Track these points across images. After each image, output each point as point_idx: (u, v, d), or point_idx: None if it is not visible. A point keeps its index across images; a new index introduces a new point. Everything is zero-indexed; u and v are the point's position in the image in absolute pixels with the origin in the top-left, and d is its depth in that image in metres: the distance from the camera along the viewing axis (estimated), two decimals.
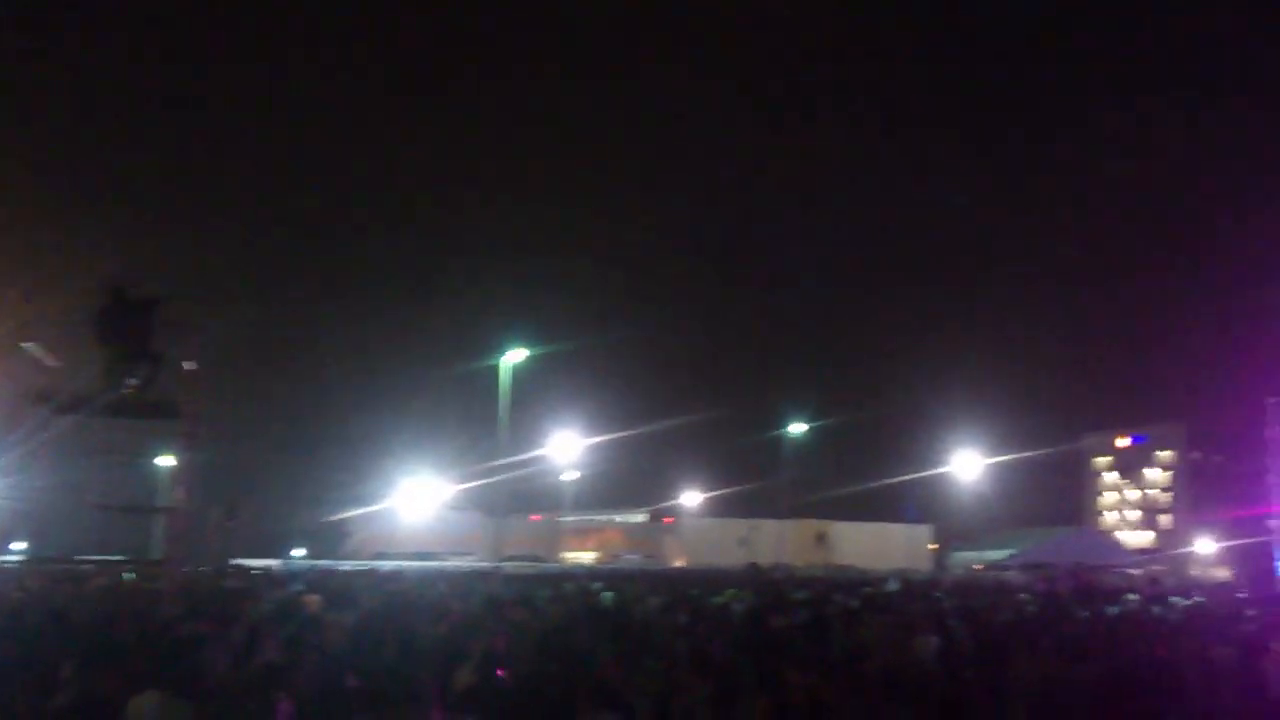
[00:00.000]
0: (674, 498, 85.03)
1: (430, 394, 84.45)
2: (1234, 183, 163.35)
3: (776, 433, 65.69)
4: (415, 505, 69.08)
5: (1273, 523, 47.91)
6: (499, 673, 9.66)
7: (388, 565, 39.78)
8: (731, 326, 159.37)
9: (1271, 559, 46.45)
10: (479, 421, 51.65)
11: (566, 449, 67.56)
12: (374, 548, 65.00)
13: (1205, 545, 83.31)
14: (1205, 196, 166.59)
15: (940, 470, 66.26)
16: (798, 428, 64.82)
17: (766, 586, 27.42)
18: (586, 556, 77.68)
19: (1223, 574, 70.60)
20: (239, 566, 35.15)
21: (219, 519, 38.97)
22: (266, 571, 33.54)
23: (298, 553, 62.31)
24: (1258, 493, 52.75)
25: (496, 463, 44.86)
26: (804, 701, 9.71)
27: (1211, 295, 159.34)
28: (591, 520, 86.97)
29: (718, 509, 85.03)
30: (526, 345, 43.25)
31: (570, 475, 75.51)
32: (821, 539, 77.88)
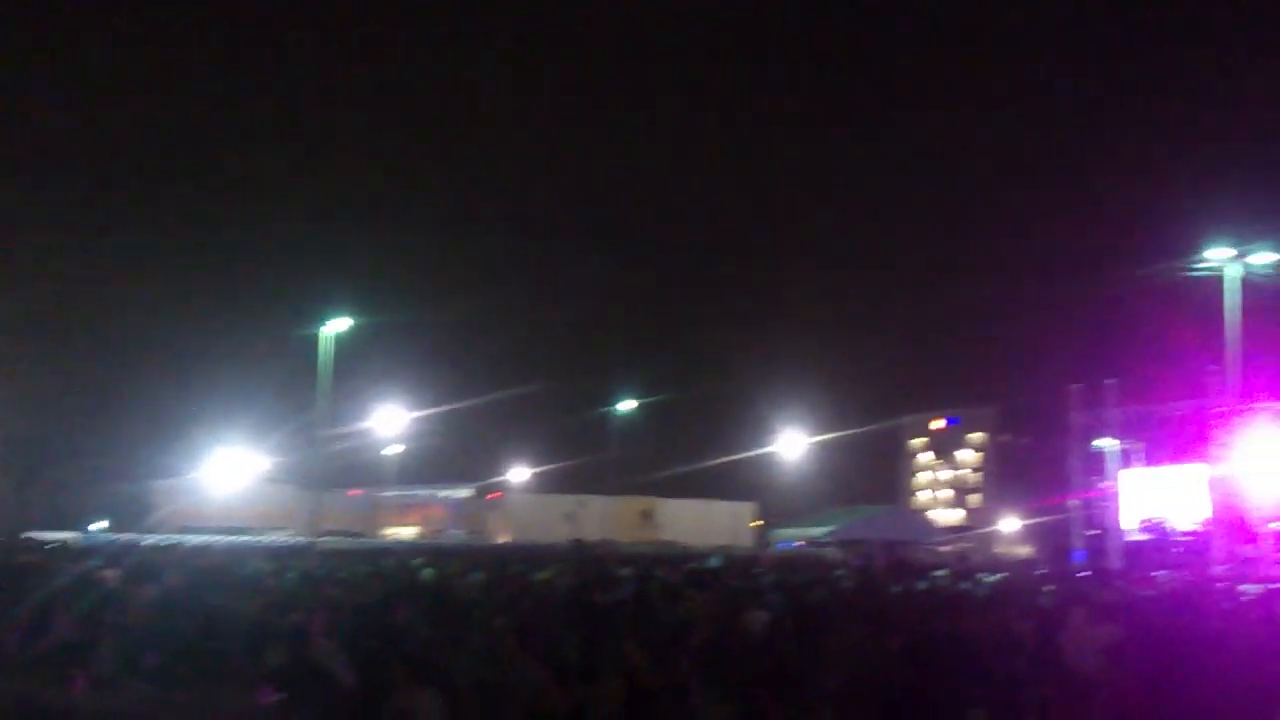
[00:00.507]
0: (501, 473, 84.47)
1: (246, 362, 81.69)
2: (1042, 177, 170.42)
3: (605, 409, 66.16)
4: (227, 477, 66.83)
5: (1072, 503, 50.19)
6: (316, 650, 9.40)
7: (195, 539, 38.43)
8: (562, 301, 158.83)
9: (1069, 537, 48.67)
10: (298, 392, 50.40)
11: (390, 422, 66.53)
12: (181, 521, 62.60)
13: (1011, 524, 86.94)
14: (1016, 188, 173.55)
15: (765, 449, 67.73)
16: (627, 404, 65.34)
17: (591, 562, 27.50)
18: (408, 532, 76.59)
19: (1025, 551, 73.95)
20: (32, 540, 33.53)
21: (9, 491, 37.11)
22: (63, 545, 32.03)
23: (98, 526, 59.71)
24: (1059, 475, 55.17)
25: (315, 435, 43.88)
26: (652, 681, 9.75)
27: (1022, 284, 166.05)
28: (414, 495, 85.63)
29: (545, 485, 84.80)
30: (350, 315, 42.38)
31: (393, 449, 74.39)
32: (648, 516, 78.42)
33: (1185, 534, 45.86)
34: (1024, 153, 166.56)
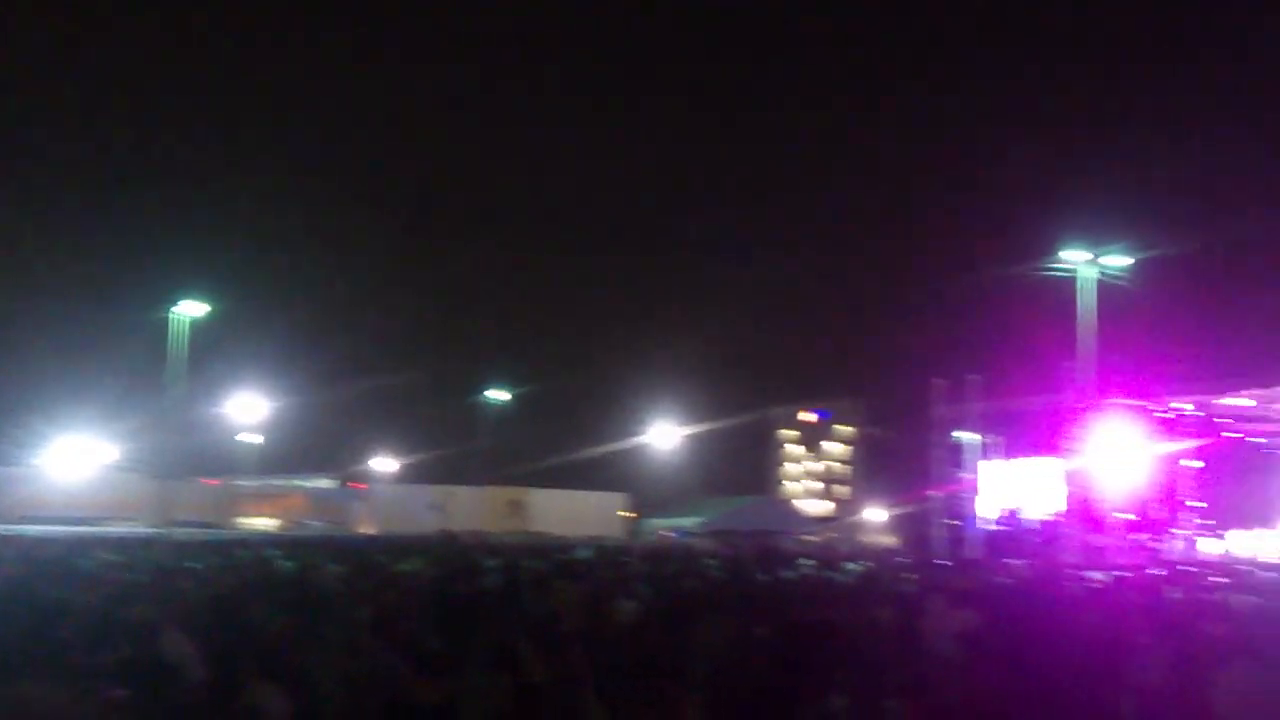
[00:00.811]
0: (365, 463, 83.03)
1: (93, 346, 78.55)
2: (909, 178, 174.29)
3: (475, 399, 65.46)
4: (71, 465, 64.27)
5: (933, 495, 51.38)
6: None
7: (36, 530, 36.87)
8: (431, 290, 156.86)
9: (930, 527, 49.82)
10: (150, 378, 48.78)
11: (248, 410, 64.85)
12: (22, 511, 60.02)
13: (877, 514, 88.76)
14: (882, 187, 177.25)
15: (637, 440, 67.85)
16: (497, 395, 64.70)
17: (457, 553, 27.15)
18: (267, 523, 74.78)
19: (890, 541, 75.54)
20: None
21: None
22: None
23: None
24: (923, 467, 56.40)
25: (167, 422, 42.48)
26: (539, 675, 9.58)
27: (890, 282, 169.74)
28: (273, 485, 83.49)
29: (412, 476, 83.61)
30: (205, 298, 41.04)
31: (252, 438, 72.31)
32: (517, 507, 77.95)
33: (1038, 524, 47.30)
34: (891, 153, 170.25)
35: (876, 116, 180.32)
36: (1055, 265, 34.34)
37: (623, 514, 70.09)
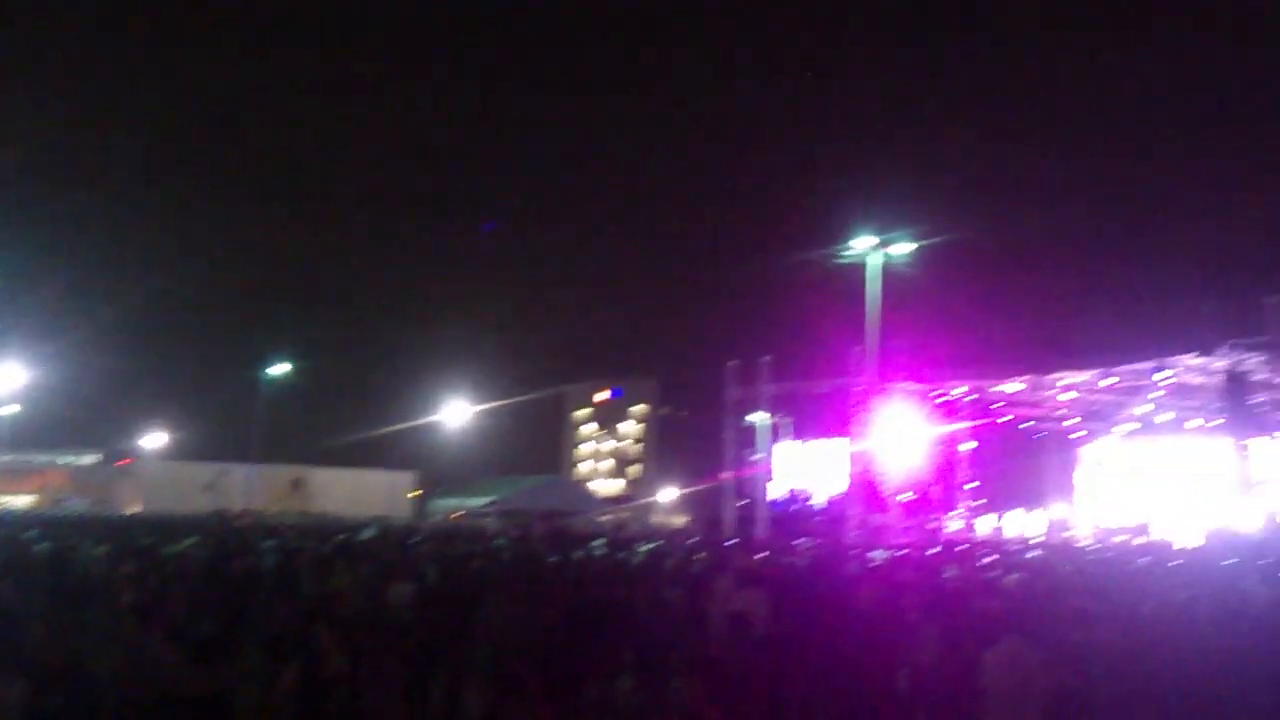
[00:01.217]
0: (133, 439, 78.91)
1: None
2: (707, 164, 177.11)
3: (255, 374, 62.43)
4: None
5: (725, 475, 52.17)
6: None
7: None
8: (211, 259, 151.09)
9: (722, 508, 50.62)
10: None
11: (2, 378, 60.75)
12: None
13: (669, 494, 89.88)
14: (682, 173, 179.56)
15: (427, 418, 66.66)
16: (279, 370, 61.79)
17: (231, 534, 26.19)
18: (23, 501, 70.57)
19: (681, 521, 76.61)
20: None
21: None
22: None
23: None
24: (715, 448, 57.21)
25: None
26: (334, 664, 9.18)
27: (687, 264, 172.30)
28: (30, 461, 78.75)
29: (185, 452, 79.90)
30: None
31: (6, 409, 67.58)
32: (298, 486, 75.84)
33: (825, 504, 48.66)
34: (692, 139, 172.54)
35: (678, 103, 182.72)
36: (845, 252, 35.26)
37: (411, 494, 68.92)
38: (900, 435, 43.85)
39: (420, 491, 66.73)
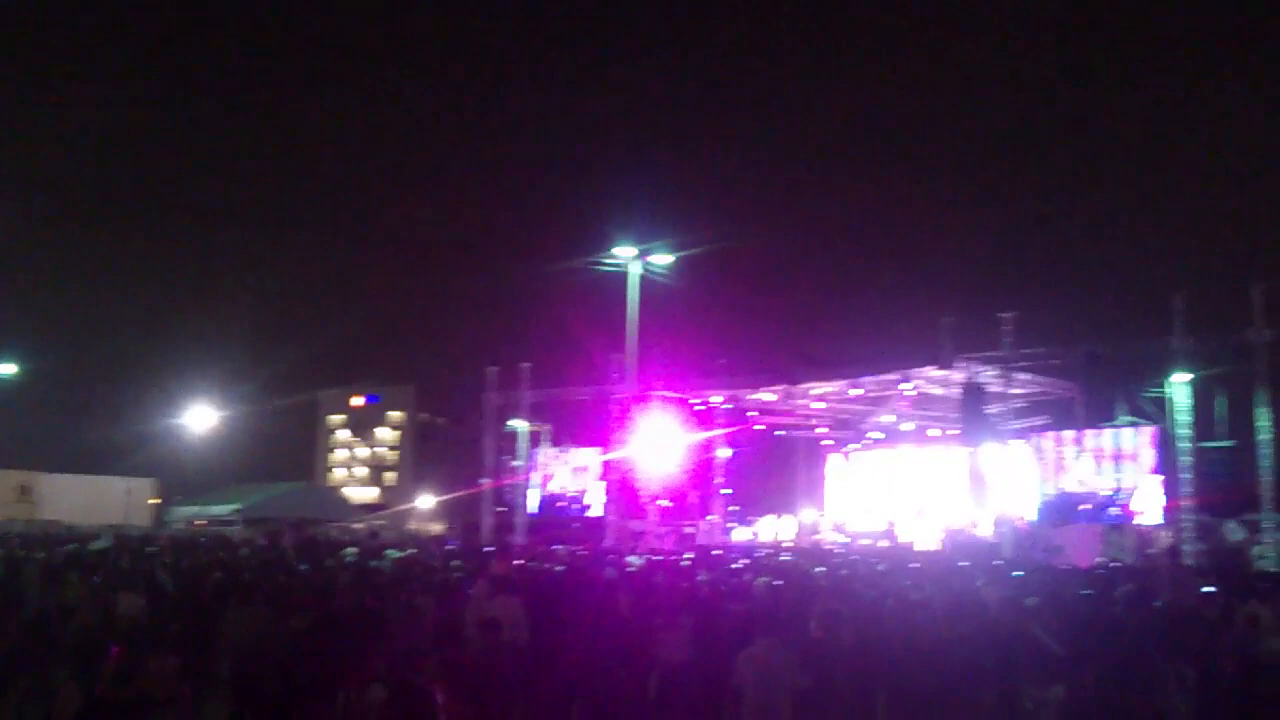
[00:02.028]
0: None
1: None
2: (468, 166, 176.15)
3: None
4: None
5: (484, 482, 51.81)
6: None
7: None
8: None
9: (480, 515, 50.26)
10: None
11: None
12: None
13: (426, 501, 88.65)
14: (441, 174, 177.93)
15: (170, 422, 63.51)
16: (3, 367, 57.54)
17: None
18: None
19: (438, 528, 75.66)
20: None
21: None
22: None
23: None
24: (474, 454, 56.75)
25: None
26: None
27: (447, 268, 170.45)
28: None
29: None
30: None
31: None
32: (25, 491, 70.98)
33: (583, 511, 48.92)
34: (455, 142, 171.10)
35: (442, 106, 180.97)
36: (606, 260, 35.58)
37: (151, 501, 65.54)
38: (658, 442, 44.53)
39: (159, 500, 63.36)
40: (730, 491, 50.44)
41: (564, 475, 51.51)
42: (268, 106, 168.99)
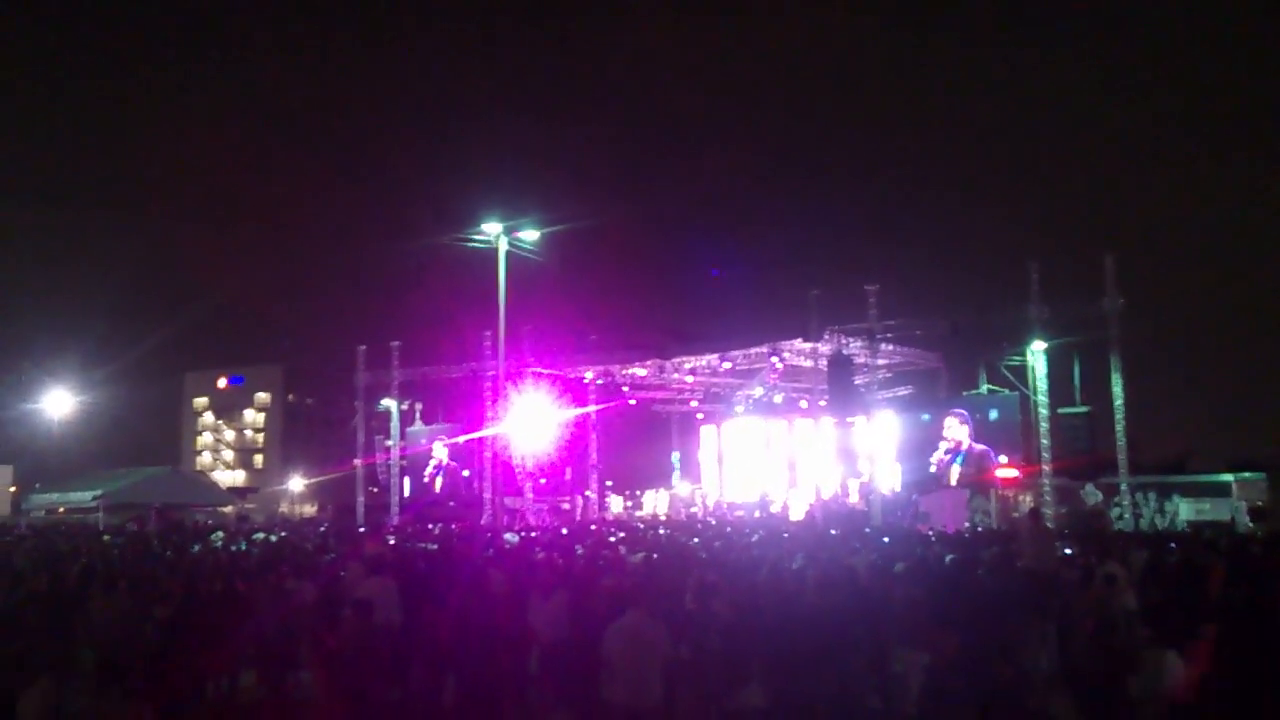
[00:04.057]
0: None
1: None
2: (331, 143, 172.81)
3: None
4: None
5: (356, 462, 51.20)
6: None
7: None
8: None
9: (353, 495, 49.68)
10: None
11: None
12: None
13: (297, 483, 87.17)
14: (322, 148, 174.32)
15: (24, 406, 61.20)
16: None
17: None
18: None
19: (310, 510, 74.52)
20: None
21: None
22: None
23: None
24: (344, 434, 56.04)
25: None
26: None
27: (313, 246, 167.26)
28: None
29: None
30: None
31: None
32: None
33: (459, 488, 48.71)
34: (322, 118, 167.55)
35: (307, 86, 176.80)
36: (474, 237, 35.17)
37: (8, 489, 63.03)
38: (532, 418, 44.48)
39: (15, 488, 60.90)
40: (606, 465, 50.70)
41: (439, 453, 51.22)
42: (127, 75, 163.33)
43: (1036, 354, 36.24)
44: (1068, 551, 17.78)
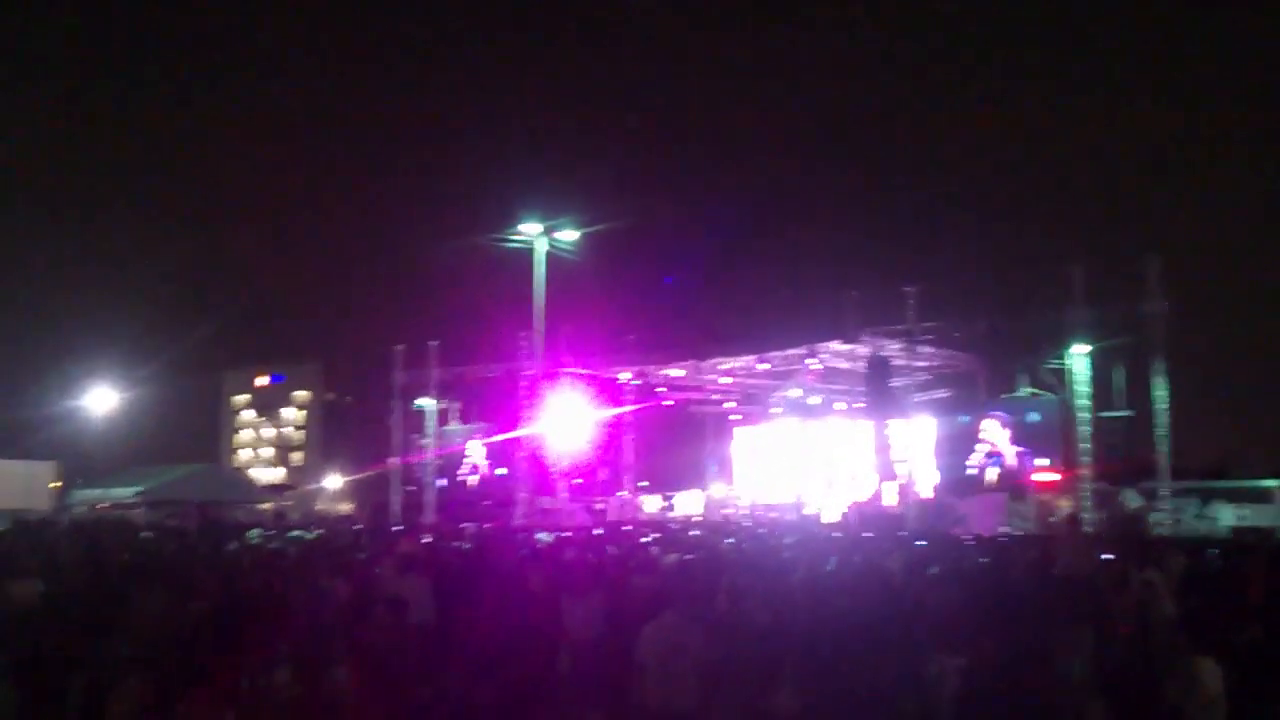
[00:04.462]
0: None
1: None
2: (367, 147, 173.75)
3: None
4: None
5: (392, 461, 51.47)
6: None
7: None
8: None
9: (389, 494, 49.93)
10: None
11: None
12: None
13: (334, 481, 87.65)
14: (342, 154, 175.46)
15: (71, 403, 61.87)
16: None
17: None
18: None
19: (347, 508, 74.90)
20: None
21: None
22: None
23: None
24: (382, 433, 56.29)
25: None
26: None
27: (354, 246, 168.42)
28: None
29: None
30: None
31: None
32: None
33: (494, 487, 48.85)
34: (359, 120, 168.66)
35: (344, 87, 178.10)
36: (513, 237, 35.33)
37: (52, 485, 63.73)
38: (568, 418, 44.51)
39: (60, 484, 61.56)
40: (641, 466, 50.69)
41: (475, 452, 51.39)
42: (171, 79, 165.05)
43: (1076, 357, 35.92)
44: (1107, 557, 17.61)
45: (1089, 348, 35.65)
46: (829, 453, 48.36)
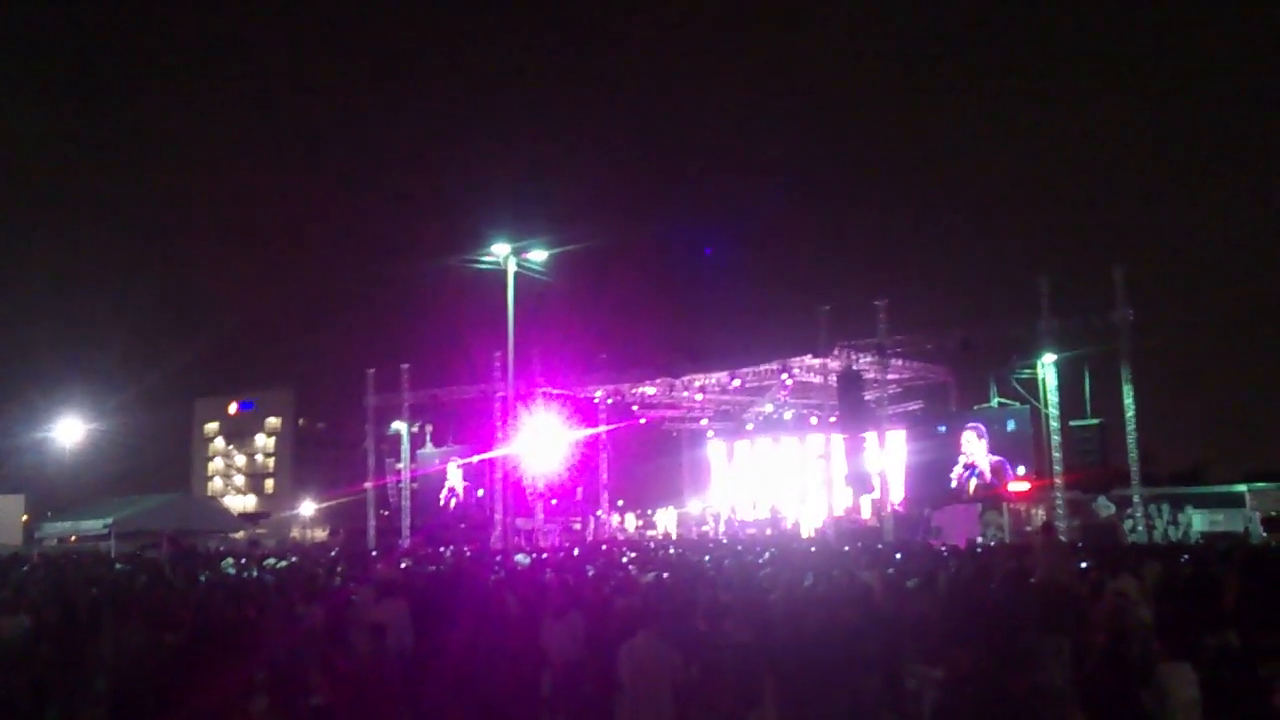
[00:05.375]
0: None
1: None
2: (342, 168, 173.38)
3: None
4: None
5: (367, 485, 51.27)
6: None
7: None
8: None
9: (365, 519, 49.73)
10: None
11: None
12: None
13: (308, 508, 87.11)
14: (306, 173, 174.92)
15: (37, 434, 61.26)
16: None
17: None
18: None
19: (321, 534, 74.45)
20: None
21: None
22: None
23: None
24: (356, 457, 56.10)
25: None
26: None
27: (319, 270, 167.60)
28: None
29: None
30: None
31: None
32: None
33: (469, 510, 48.69)
34: (328, 141, 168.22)
35: (315, 108, 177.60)
36: (484, 258, 35.23)
37: (23, 518, 63.02)
38: (543, 439, 44.44)
39: (26, 518, 60.71)
40: (617, 484, 50.67)
41: (449, 475, 51.21)
42: (139, 100, 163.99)
43: (1047, 367, 36.16)
44: (1082, 565, 17.71)
45: (1057, 357, 35.87)
46: (804, 467, 48.45)
